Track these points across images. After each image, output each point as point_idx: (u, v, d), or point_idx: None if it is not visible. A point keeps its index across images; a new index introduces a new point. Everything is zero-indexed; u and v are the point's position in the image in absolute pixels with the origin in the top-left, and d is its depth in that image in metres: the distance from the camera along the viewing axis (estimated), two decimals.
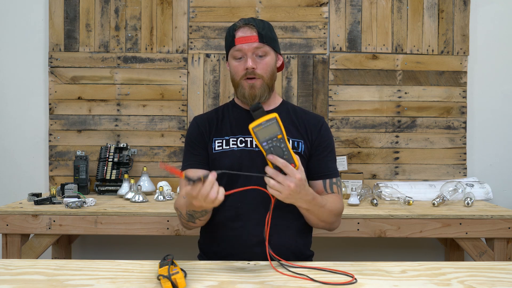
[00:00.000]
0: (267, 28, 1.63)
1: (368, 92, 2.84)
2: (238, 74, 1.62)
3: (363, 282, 1.18)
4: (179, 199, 1.59)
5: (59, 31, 2.85)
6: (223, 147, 1.62)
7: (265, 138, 1.26)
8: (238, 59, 1.62)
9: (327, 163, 1.64)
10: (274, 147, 1.27)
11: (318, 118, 1.70)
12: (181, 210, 1.54)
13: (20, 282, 1.17)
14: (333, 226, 1.60)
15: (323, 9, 2.85)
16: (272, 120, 1.25)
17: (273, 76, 1.65)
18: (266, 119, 1.25)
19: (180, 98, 2.85)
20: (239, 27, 1.61)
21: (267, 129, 1.25)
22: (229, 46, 1.64)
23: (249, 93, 1.60)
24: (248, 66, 1.58)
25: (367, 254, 2.86)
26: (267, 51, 1.61)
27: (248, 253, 1.47)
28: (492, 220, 2.21)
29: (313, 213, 1.48)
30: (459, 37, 2.85)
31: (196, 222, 1.53)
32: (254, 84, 1.60)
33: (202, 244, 1.68)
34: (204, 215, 1.49)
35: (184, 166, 1.67)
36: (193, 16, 2.85)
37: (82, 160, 2.68)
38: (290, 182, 1.27)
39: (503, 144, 2.88)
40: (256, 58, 1.60)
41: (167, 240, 2.84)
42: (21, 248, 2.25)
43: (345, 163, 2.78)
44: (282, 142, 1.27)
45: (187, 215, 1.50)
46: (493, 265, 1.34)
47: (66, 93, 2.84)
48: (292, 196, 1.31)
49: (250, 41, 1.58)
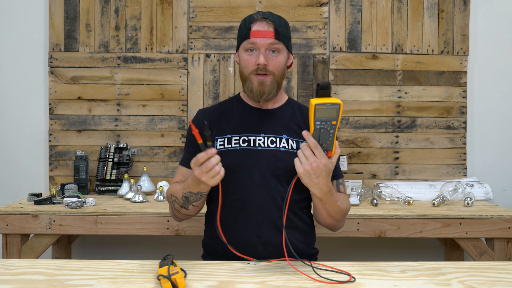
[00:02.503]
0: (284, 25, 1.60)
1: (368, 92, 2.84)
2: (248, 68, 1.59)
3: (363, 282, 1.18)
4: (174, 185, 1.59)
5: (59, 31, 2.85)
6: (225, 146, 1.60)
7: (321, 118, 1.26)
8: (250, 52, 1.58)
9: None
10: (324, 130, 1.27)
11: None
12: (176, 194, 1.53)
13: (20, 282, 1.17)
14: (338, 225, 1.59)
15: (323, 9, 2.85)
16: (336, 105, 1.25)
17: (284, 74, 1.63)
18: (332, 101, 1.24)
19: (180, 98, 2.85)
20: (256, 20, 1.57)
21: (328, 110, 1.25)
22: (243, 37, 1.60)
23: (257, 89, 1.58)
24: (260, 62, 1.55)
25: (367, 254, 2.86)
26: (281, 49, 1.58)
27: (252, 254, 1.45)
28: (492, 220, 2.21)
29: (325, 205, 1.46)
30: (459, 37, 2.85)
31: (189, 209, 1.53)
32: (264, 81, 1.57)
33: (206, 245, 1.68)
34: (198, 200, 1.49)
35: (182, 161, 1.67)
36: (193, 16, 2.85)
37: (82, 160, 2.68)
38: (314, 160, 1.29)
39: (503, 144, 2.88)
40: (269, 54, 1.57)
41: (167, 240, 2.84)
42: (21, 248, 2.25)
43: (345, 163, 2.78)
44: (333, 129, 1.27)
45: (183, 198, 1.50)
46: (493, 265, 1.34)
47: (66, 93, 2.84)
48: (310, 176, 1.31)
49: (265, 36, 1.55)
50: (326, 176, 1.34)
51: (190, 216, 1.60)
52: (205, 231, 1.69)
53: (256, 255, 1.44)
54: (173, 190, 1.57)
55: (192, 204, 1.51)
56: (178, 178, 1.65)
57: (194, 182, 1.42)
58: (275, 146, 1.58)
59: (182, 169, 1.66)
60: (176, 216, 1.60)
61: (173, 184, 1.62)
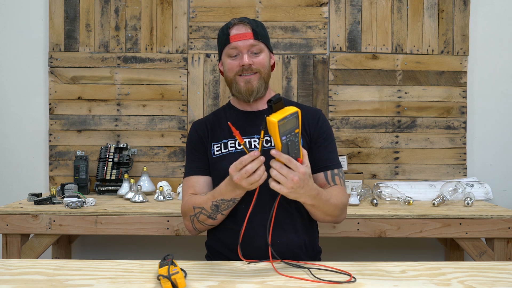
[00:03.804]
0: (260, 26, 1.64)
1: (368, 92, 2.84)
2: (232, 70, 1.61)
3: (363, 282, 1.18)
4: (194, 197, 1.56)
5: (59, 31, 2.85)
6: (222, 151, 1.61)
7: (285, 132, 1.21)
8: (233, 57, 1.61)
9: (328, 154, 1.62)
10: (291, 142, 1.23)
11: (316, 111, 1.69)
12: (203, 205, 1.50)
13: (20, 282, 1.17)
14: (339, 219, 1.57)
15: (323, 9, 2.85)
16: (295, 114, 1.22)
17: (269, 73, 1.66)
18: (290, 112, 1.21)
19: (180, 98, 2.85)
20: (233, 25, 1.60)
21: (289, 122, 1.21)
22: (223, 44, 1.63)
23: (245, 88, 1.59)
24: (245, 63, 1.57)
25: (367, 254, 2.86)
26: (261, 48, 1.61)
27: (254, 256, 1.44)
28: (492, 220, 2.21)
29: (319, 208, 1.45)
30: (459, 37, 2.85)
31: (217, 218, 1.51)
32: (251, 79, 1.59)
33: (209, 246, 1.67)
34: (230, 207, 1.47)
35: (187, 173, 1.66)
36: (193, 16, 2.85)
37: (82, 160, 2.68)
38: (293, 175, 1.25)
39: (503, 144, 2.88)
40: (251, 55, 1.60)
41: (167, 240, 2.84)
42: (21, 248, 2.25)
43: (345, 163, 2.78)
44: (297, 137, 1.24)
45: (212, 207, 1.47)
46: (493, 265, 1.34)
47: (66, 93, 2.84)
48: (296, 191, 1.28)
49: (245, 38, 1.58)
50: (309, 182, 1.32)
51: (213, 227, 1.58)
52: (208, 232, 1.68)
53: (261, 257, 1.44)
54: (195, 201, 1.54)
55: (221, 213, 1.49)
56: (190, 190, 1.62)
57: (230, 188, 1.40)
58: (270, 145, 1.59)
59: (191, 179, 1.63)
60: (196, 229, 1.57)
61: (190, 196, 1.59)
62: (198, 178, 1.62)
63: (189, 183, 1.64)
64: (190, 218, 1.56)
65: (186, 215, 1.58)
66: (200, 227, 1.56)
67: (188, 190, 1.62)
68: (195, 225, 1.56)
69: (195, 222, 1.55)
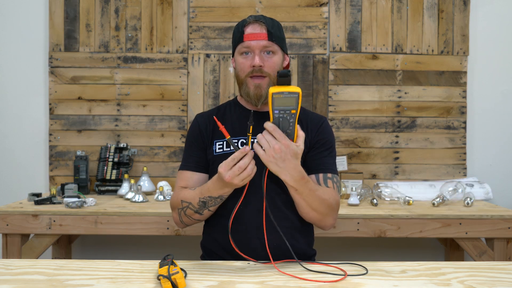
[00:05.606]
0: (277, 26, 1.61)
1: (368, 92, 2.84)
2: (244, 71, 1.59)
3: (363, 282, 1.18)
4: (184, 191, 1.56)
5: (59, 31, 2.85)
6: (224, 149, 1.60)
7: (279, 107, 1.26)
8: (245, 55, 1.59)
9: (324, 159, 1.59)
10: (283, 118, 1.27)
11: (320, 117, 1.68)
12: (190, 200, 1.51)
13: (20, 282, 1.17)
14: (326, 220, 1.52)
15: (323, 9, 2.85)
16: (295, 94, 1.25)
17: None
18: (290, 90, 1.24)
19: (180, 98, 2.85)
20: (249, 23, 1.58)
21: (286, 99, 1.25)
22: (237, 41, 1.61)
23: (254, 93, 1.58)
24: (255, 64, 1.55)
25: (367, 254, 2.86)
26: (275, 50, 1.58)
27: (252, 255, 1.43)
28: (492, 220, 2.21)
29: (303, 196, 1.43)
30: (459, 37, 2.85)
31: (203, 214, 1.52)
32: (261, 84, 1.57)
33: (204, 247, 1.68)
34: (217, 204, 1.48)
35: (183, 166, 1.66)
36: (193, 16, 2.85)
37: (82, 160, 2.68)
38: (275, 143, 1.29)
39: (503, 144, 2.88)
40: (264, 56, 1.57)
41: (167, 240, 2.84)
42: (21, 248, 2.25)
43: (345, 163, 2.78)
44: (292, 118, 1.27)
45: (199, 203, 1.48)
46: (493, 265, 1.34)
47: (66, 93, 2.84)
48: (277, 162, 1.31)
49: (259, 38, 1.56)
50: (292, 159, 1.32)
51: (200, 221, 1.59)
52: (204, 233, 1.69)
53: (256, 256, 1.44)
54: (184, 196, 1.54)
55: (208, 209, 1.50)
56: (182, 183, 1.63)
57: (218, 186, 1.41)
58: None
59: (185, 173, 1.64)
60: (183, 222, 1.58)
61: (180, 189, 1.60)
62: (192, 174, 1.63)
63: (182, 176, 1.65)
64: (178, 211, 1.57)
65: (174, 208, 1.59)
66: (187, 221, 1.57)
67: (180, 183, 1.64)
68: (182, 218, 1.57)
69: (182, 216, 1.56)
